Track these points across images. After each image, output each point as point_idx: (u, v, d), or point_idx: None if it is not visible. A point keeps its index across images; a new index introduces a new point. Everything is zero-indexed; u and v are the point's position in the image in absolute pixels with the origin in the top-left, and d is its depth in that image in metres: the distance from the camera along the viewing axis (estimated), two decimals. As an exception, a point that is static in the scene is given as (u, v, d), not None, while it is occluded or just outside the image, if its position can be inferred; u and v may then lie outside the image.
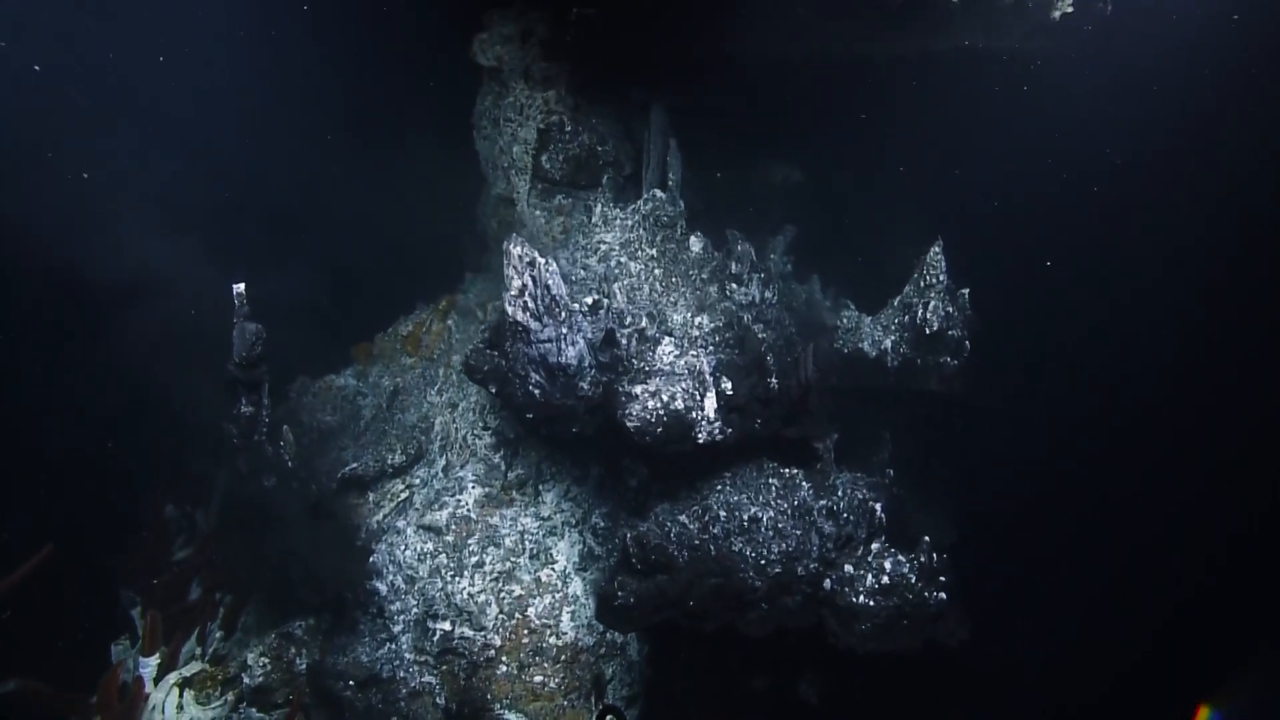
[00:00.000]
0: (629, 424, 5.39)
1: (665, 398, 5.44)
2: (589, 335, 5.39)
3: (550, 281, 5.23)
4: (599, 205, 6.82)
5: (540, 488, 6.71)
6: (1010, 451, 7.10)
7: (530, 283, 5.19)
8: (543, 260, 5.19)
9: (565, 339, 5.32)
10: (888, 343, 6.68)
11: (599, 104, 6.72)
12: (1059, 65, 6.10)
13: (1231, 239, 7.06)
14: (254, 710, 6.11)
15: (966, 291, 6.69)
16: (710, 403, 5.46)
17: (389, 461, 7.02)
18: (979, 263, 6.93)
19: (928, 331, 6.46)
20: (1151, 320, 7.49)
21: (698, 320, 5.91)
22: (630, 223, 6.37)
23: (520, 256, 5.17)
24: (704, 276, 6.27)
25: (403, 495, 6.98)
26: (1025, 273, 7.41)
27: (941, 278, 6.55)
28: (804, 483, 6.00)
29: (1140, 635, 7.33)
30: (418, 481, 6.99)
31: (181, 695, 5.94)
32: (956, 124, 7.05)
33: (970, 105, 6.67)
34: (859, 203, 8.10)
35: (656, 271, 6.21)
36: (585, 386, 5.49)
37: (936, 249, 6.52)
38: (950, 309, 6.58)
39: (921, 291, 6.61)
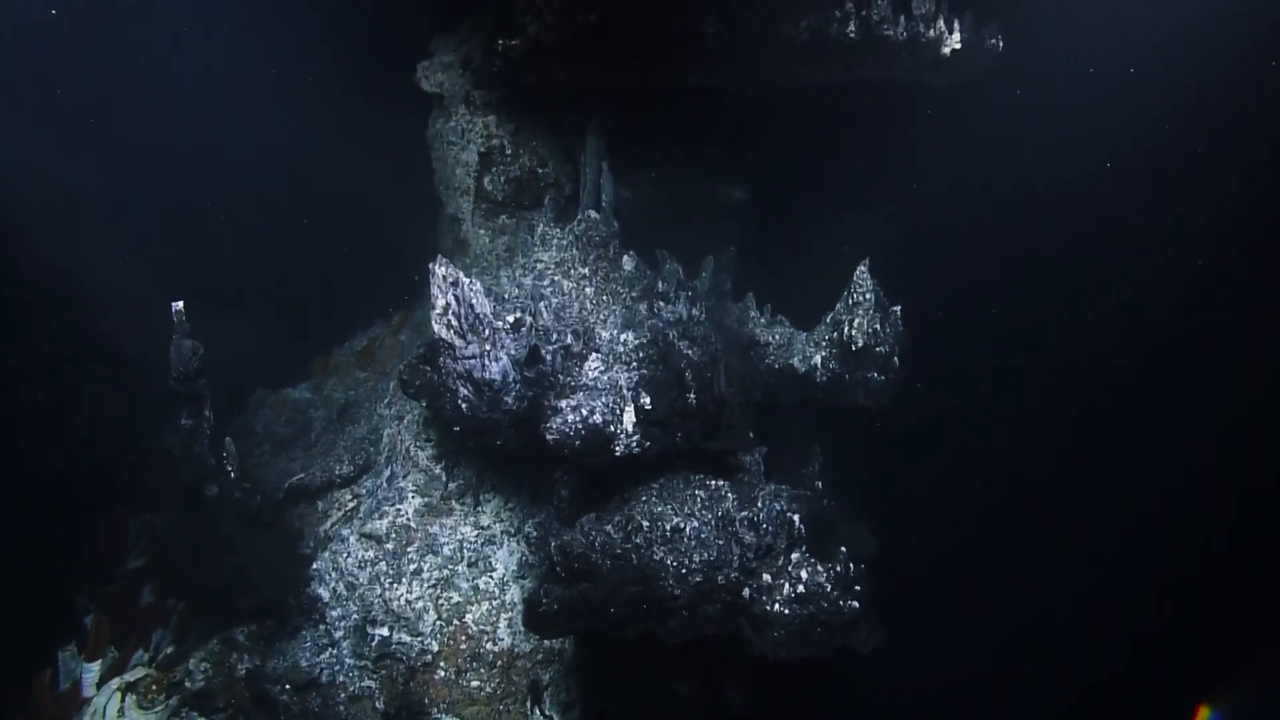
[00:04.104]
0: (549, 436, 5.61)
1: (585, 412, 5.66)
2: (513, 352, 5.61)
3: (474, 300, 5.46)
4: (540, 225, 7.06)
5: (481, 497, 6.92)
6: (937, 465, 7.29)
7: (454, 301, 5.43)
8: (466, 280, 5.43)
9: (489, 355, 5.54)
10: (817, 359, 6.89)
11: (539, 127, 6.97)
12: (960, 96, 6.39)
13: (1152, 262, 7.30)
14: (196, 714, 6.31)
15: (898, 309, 6.91)
16: (629, 417, 5.68)
17: (337, 472, 7.24)
18: (912, 280, 7.17)
19: (853, 348, 6.68)
20: (1078, 339, 7.72)
21: (623, 337, 6.14)
22: (565, 242, 6.61)
23: (444, 276, 5.41)
24: (634, 294, 6.50)
25: (350, 505, 7.20)
26: (956, 290, 7.63)
27: (868, 295, 6.76)
28: (730, 494, 6.20)
29: (1106, 638, 7.49)
30: (364, 492, 7.20)
31: (124, 699, 6.14)
32: (886, 148, 7.31)
33: (891, 132, 6.94)
34: (802, 221, 8.32)
35: (588, 290, 6.44)
36: (510, 401, 5.71)
37: (863, 268, 6.74)
38: (877, 326, 6.79)
39: (850, 309, 6.82)
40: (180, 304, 5.64)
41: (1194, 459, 7.44)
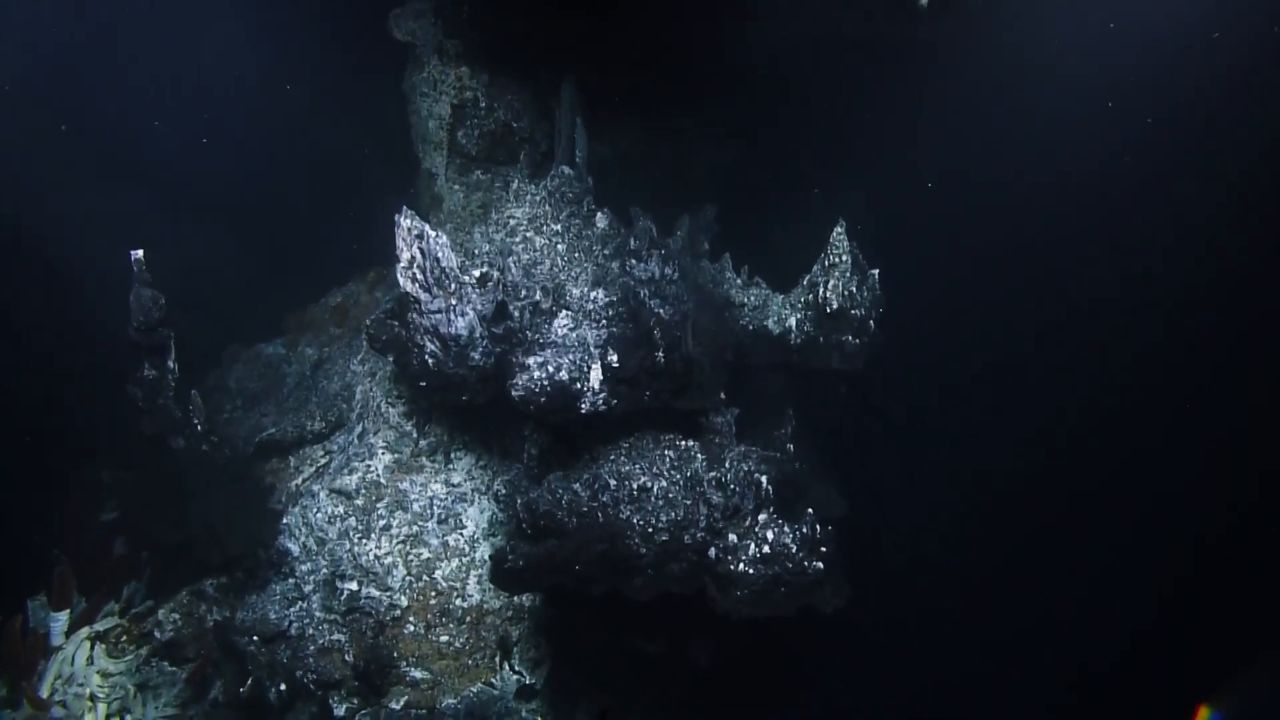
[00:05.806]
0: (514, 393, 5.56)
1: (551, 369, 5.61)
2: (479, 307, 5.54)
3: (440, 254, 5.38)
4: (515, 181, 6.94)
5: (452, 454, 6.90)
6: (913, 429, 7.27)
7: (419, 254, 5.34)
8: (432, 233, 5.34)
9: (455, 310, 5.48)
10: (792, 320, 6.83)
11: (513, 80, 6.82)
12: (947, 59, 6.25)
13: (1148, 244, 7.21)
14: (165, 663, 6.36)
15: (876, 272, 6.83)
16: (596, 374, 5.63)
17: (308, 428, 7.22)
18: (894, 244, 7.09)
19: (828, 310, 6.62)
20: (1064, 317, 7.65)
21: (594, 294, 6.06)
22: (538, 198, 6.50)
23: (410, 229, 5.32)
24: (607, 252, 6.41)
25: (322, 460, 7.19)
26: (940, 257, 7.55)
27: (845, 258, 6.68)
28: (699, 455, 6.17)
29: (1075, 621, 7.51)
30: (336, 448, 7.18)
31: (93, 648, 6.17)
32: (872, 111, 7.18)
33: (877, 95, 6.81)
34: (784, 183, 8.20)
35: (560, 246, 6.35)
36: (477, 357, 5.66)
37: (839, 230, 6.65)
38: (854, 289, 6.72)
39: (826, 271, 6.74)
40: (140, 252, 5.55)
41: (1193, 457, 7.38)
